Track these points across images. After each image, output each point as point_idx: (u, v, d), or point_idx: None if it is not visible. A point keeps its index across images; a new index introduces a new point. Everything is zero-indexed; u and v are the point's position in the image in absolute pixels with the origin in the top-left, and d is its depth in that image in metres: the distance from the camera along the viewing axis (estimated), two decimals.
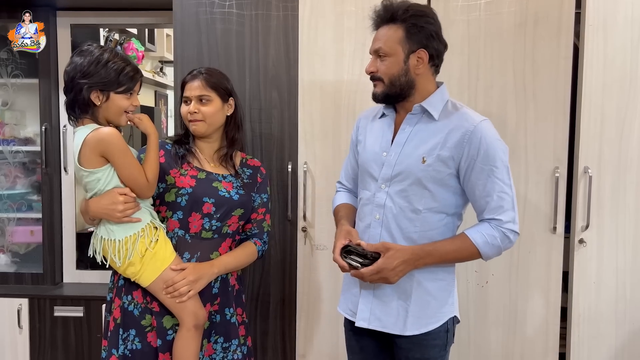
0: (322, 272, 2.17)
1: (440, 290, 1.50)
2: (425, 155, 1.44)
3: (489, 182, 1.42)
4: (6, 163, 2.61)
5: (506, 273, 2.10)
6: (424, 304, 1.48)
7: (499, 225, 1.43)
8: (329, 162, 2.14)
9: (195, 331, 1.55)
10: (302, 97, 2.13)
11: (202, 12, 2.13)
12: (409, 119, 1.50)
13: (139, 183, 1.50)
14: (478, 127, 1.43)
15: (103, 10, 2.53)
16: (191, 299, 1.55)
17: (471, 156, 1.42)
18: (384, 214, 1.49)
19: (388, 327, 1.50)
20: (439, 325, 1.49)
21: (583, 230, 2.07)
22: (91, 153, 1.46)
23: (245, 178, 1.70)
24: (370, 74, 1.50)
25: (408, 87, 1.47)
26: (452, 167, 1.44)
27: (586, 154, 2.05)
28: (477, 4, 2.04)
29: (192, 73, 1.66)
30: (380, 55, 1.47)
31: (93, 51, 1.48)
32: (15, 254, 2.66)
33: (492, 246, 1.44)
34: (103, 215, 1.50)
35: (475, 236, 1.44)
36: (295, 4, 2.10)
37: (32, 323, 2.43)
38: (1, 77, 2.57)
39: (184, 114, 1.65)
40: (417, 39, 1.44)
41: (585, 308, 2.10)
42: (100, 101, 1.48)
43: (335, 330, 2.17)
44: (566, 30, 2.01)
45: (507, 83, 2.05)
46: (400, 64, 1.45)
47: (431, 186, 1.44)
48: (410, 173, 1.45)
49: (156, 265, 1.53)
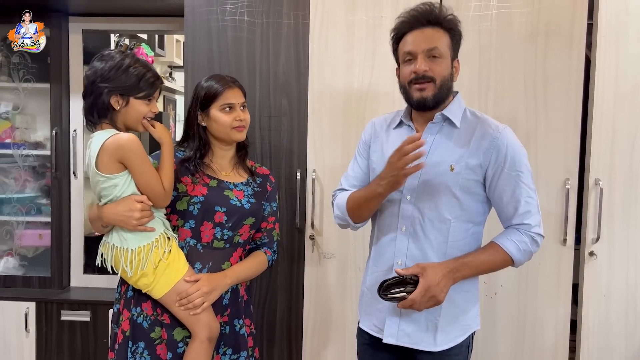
0: (329, 280, 2.16)
1: (466, 301, 1.49)
2: (453, 163, 1.42)
3: (517, 188, 1.41)
4: (16, 167, 2.63)
5: (515, 284, 2.09)
6: (452, 317, 1.47)
7: (527, 230, 1.42)
8: (338, 170, 2.13)
9: (209, 344, 1.53)
10: (311, 105, 2.13)
11: (213, 19, 2.13)
12: (430, 127, 1.47)
13: (155, 191, 1.49)
14: (503, 133, 1.43)
15: (115, 17, 2.55)
16: (205, 311, 1.53)
17: (498, 163, 1.41)
18: (411, 226, 1.46)
19: (418, 342, 1.46)
20: (465, 338, 1.48)
21: (593, 243, 2.05)
22: (109, 159, 1.45)
23: (256, 186, 1.69)
24: (424, 72, 1.40)
25: (448, 94, 1.45)
26: (480, 174, 1.43)
27: (597, 165, 2.04)
28: (488, 14, 2.04)
29: (222, 79, 1.61)
30: (434, 56, 1.41)
31: (114, 56, 1.48)
32: (24, 257, 2.67)
33: (524, 252, 1.42)
34: (118, 222, 1.48)
35: (507, 244, 1.42)
36: (306, 13, 2.10)
37: (39, 327, 2.43)
38: (13, 81, 2.59)
39: (228, 122, 1.59)
40: (456, 49, 1.46)
41: (595, 321, 2.08)
42: (119, 106, 1.47)
43: (342, 340, 2.16)
44: (578, 42, 2.01)
45: (518, 93, 2.04)
46: (449, 68, 1.44)
47: (460, 194, 1.43)
48: (439, 182, 1.43)
49: (170, 277, 1.51)
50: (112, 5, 2.41)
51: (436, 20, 1.43)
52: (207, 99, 1.60)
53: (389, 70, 2.01)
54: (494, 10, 2.03)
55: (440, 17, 1.43)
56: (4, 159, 2.62)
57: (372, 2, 2.08)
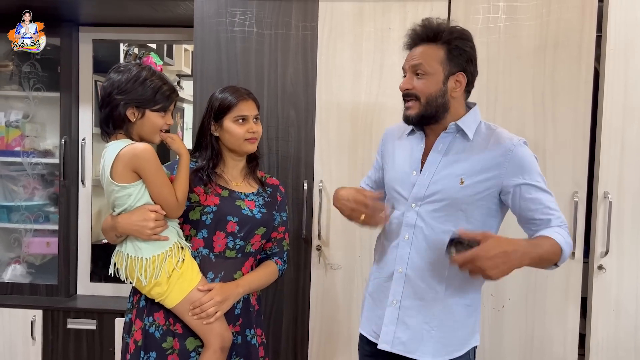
0: (336, 291, 2.15)
1: (467, 316, 1.47)
2: (463, 176, 1.42)
3: (541, 196, 1.40)
4: (25, 174, 2.65)
5: (523, 298, 2.07)
6: (450, 330, 1.46)
7: (564, 225, 1.40)
8: (345, 181, 2.13)
9: (221, 353, 1.53)
10: (319, 116, 2.13)
11: (222, 30, 2.15)
12: (442, 137, 1.47)
13: (169, 201, 1.50)
14: (517, 145, 1.43)
15: (124, 27, 2.57)
16: (217, 320, 1.54)
17: (516, 175, 1.40)
18: (414, 234, 1.46)
19: (412, 351, 1.45)
20: (462, 354, 1.46)
21: (602, 256, 2.03)
22: (124, 168, 1.46)
23: (267, 196, 1.70)
24: (406, 91, 1.46)
25: (443, 110, 1.44)
26: (493, 187, 1.42)
27: (606, 178, 2.02)
28: (496, 26, 2.04)
29: (236, 91, 1.63)
30: (418, 73, 1.44)
31: (131, 69, 1.50)
32: (31, 264, 2.68)
33: (569, 245, 1.38)
34: (132, 232, 1.49)
35: (556, 237, 1.36)
36: (314, 24, 2.11)
37: (46, 335, 2.44)
38: (23, 90, 2.62)
39: (241, 134, 1.60)
40: (458, 62, 1.43)
41: (604, 335, 2.05)
42: (135, 117, 1.49)
43: (347, 351, 2.14)
44: (587, 54, 2.00)
45: (526, 106, 2.04)
46: (439, 84, 1.42)
47: (467, 207, 1.42)
48: (447, 194, 1.42)
49: (183, 286, 1.52)
50: (122, 15, 2.43)
51: (430, 36, 1.43)
52: (221, 110, 1.62)
53: (396, 82, 1.98)
54: (502, 23, 2.04)
55: (436, 32, 1.43)
56: (14, 167, 2.64)
57: (380, 14, 2.09)
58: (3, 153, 2.61)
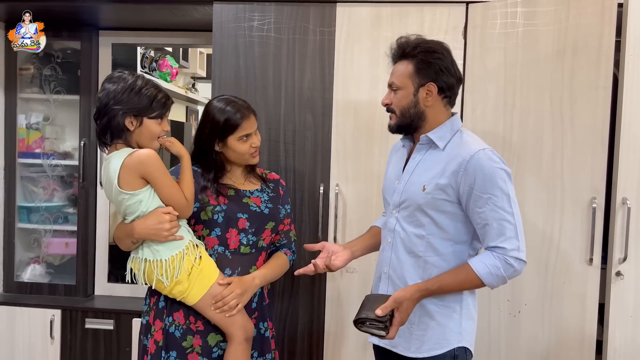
0: (351, 294, 2.16)
1: (444, 316, 1.52)
2: (425, 183, 1.51)
3: (488, 210, 1.44)
4: (45, 176, 2.69)
5: (539, 303, 2.06)
6: (426, 328, 1.53)
7: (502, 253, 1.44)
8: (361, 185, 2.14)
9: (246, 344, 1.59)
10: (335, 120, 2.15)
11: (240, 35, 2.17)
12: (418, 148, 1.58)
13: (179, 202, 1.54)
14: (475, 156, 1.46)
15: (143, 30, 2.60)
16: (239, 313, 1.59)
17: (469, 185, 1.46)
18: (394, 238, 1.57)
19: (396, 346, 1.56)
20: (444, 352, 1.51)
21: (620, 263, 2.02)
22: (131, 175, 1.50)
23: (270, 192, 1.77)
24: (386, 105, 1.60)
25: (418, 118, 1.55)
26: (451, 194, 1.48)
27: (625, 184, 2.01)
28: (514, 31, 2.04)
29: (239, 110, 1.65)
30: (394, 89, 1.56)
31: (126, 78, 1.53)
32: (50, 265, 2.72)
33: (496, 277, 1.45)
34: (150, 236, 1.53)
35: (478, 267, 1.46)
36: (332, 29, 2.13)
37: (64, 334, 2.48)
38: (44, 92, 2.66)
39: (245, 150, 1.66)
40: (426, 74, 1.52)
41: (622, 342, 2.04)
42: (134, 126, 1.52)
43: (363, 355, 2.15)
44: (606, 59, 1.99)
45: (544, 111, 2.03)
46: (410, 96, 1.53)
47: (432, 213, 1.50)
48: (413, 200, 1.52)
49: (203, 282, 1.56)
50: (141, 19, 2.47)
51: (400, 53, 1.56)
52: (226, 130, 1.64)
53: None
54: (520, 28, 2.03)
55: (405, 49, 1.54)
56: (34, 169, 2.69)
57: (398, 18, 2.10)
58: (24, 155, 2.65)
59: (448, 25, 2.09)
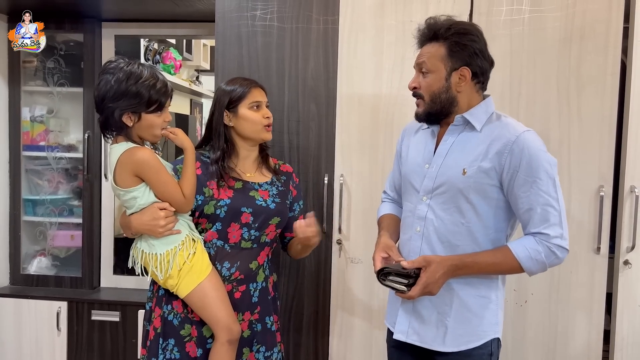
0: (356, 285, 2.15)
1: (481, 307, 1.46)
2: (466, 166, 1.42)
3: (533, 194, 1.37)
4: (50, 169, 2.69)
5: (546, 293, 2.05)
6: (464, 320, 1.46)
7: (545, 240, 1.38)
8: (366, 175, 2.13)
9: (229, 346, 1.54)
10: (340, 110, 2.13)
11: (243, 24, 2.15)
12: (451, 130, 1.48)
13: (175, 199, 1.52)
14: (520, 137, 1.39)
15: (146, 22, 2.59)
16: (226, 314, 1.55)
17: (513, 167, 1.38)
18: (425, 227, 1.47)
19: (426, 342, 1.48)
20: (481, 344, 1.46)
21: (628, 251, 2.00)
22: (125, 173, 1.48)
23: (280, 185, 1.73)
24: (413, 89, 1.50)
25: (449, 104, 1.46)
26: (495, 178, 1.40)
27: (633, 172, 1.99)
28: (520, 18, 2.01)
29: (249, 81, 1.67)
30: (423, 72, 1.47)
31: (123, 68, 1.47)
32: (56, 257, 2.73)
33: (536, 262, 1.39)
34: (145, 231, 1.52)
35: (518, 250, 1.39)
36: (335, 18, 2.11)
37: (70, 326, 2.49)
38: (48, 85, 2.66)
39: (258, 119, 1.64)
40: (460, 57, 1.43)
41: (630, 331, 2.02)
42: (132, 122, 1.49)
43: (368, 345, 2.15)
44: (613, 46, 1.96)
45: (551, 99, 2.01)
46: (442, 81, 1.44)
47: (473, 198, 1.41)
48: (452, 185, 1.43)
49: (192, 279, 1.54)
50: (144, 11, 2.45)
51: (431, 35, 1.46)
52: (235, 98, 1.63)
53: None
54: (526, 15, 2.01)
55: (437, 30, 1.44)
56: (39, 161, 2.69)
57: (402, 6, 2.07)
58: (28, 148, 2.65)
59: (453, 12, 1.99)
